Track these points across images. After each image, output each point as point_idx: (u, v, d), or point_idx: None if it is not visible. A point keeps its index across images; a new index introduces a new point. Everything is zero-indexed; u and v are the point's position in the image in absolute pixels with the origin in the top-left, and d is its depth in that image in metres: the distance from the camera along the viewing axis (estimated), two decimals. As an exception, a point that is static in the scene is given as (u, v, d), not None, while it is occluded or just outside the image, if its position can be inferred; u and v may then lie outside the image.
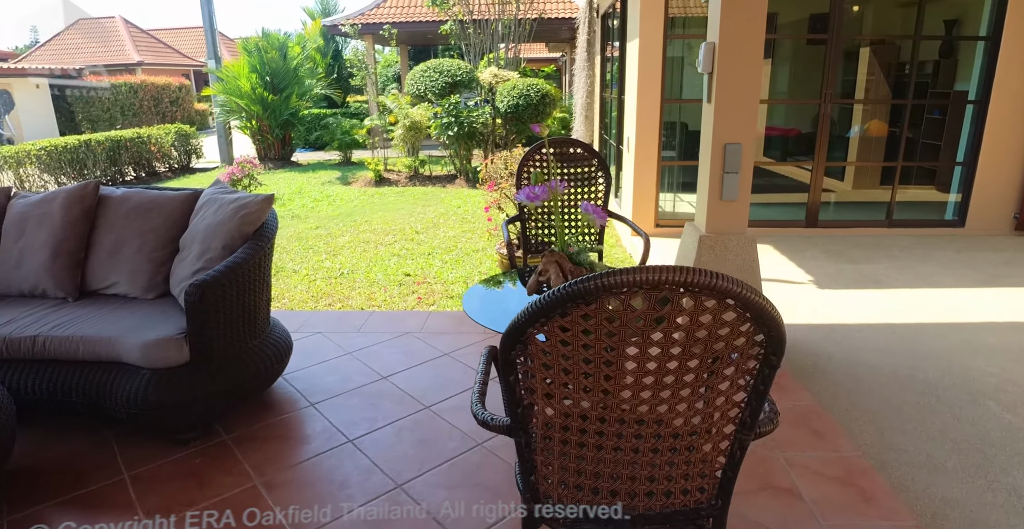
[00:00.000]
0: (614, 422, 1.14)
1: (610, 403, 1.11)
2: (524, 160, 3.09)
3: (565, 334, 1.04)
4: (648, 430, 1.16)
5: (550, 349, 1.06)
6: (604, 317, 1.00)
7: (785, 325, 1.06)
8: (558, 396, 1.13)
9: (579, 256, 1.99)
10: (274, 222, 2.76)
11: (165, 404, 2.35)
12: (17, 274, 2.92)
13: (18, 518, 2.14)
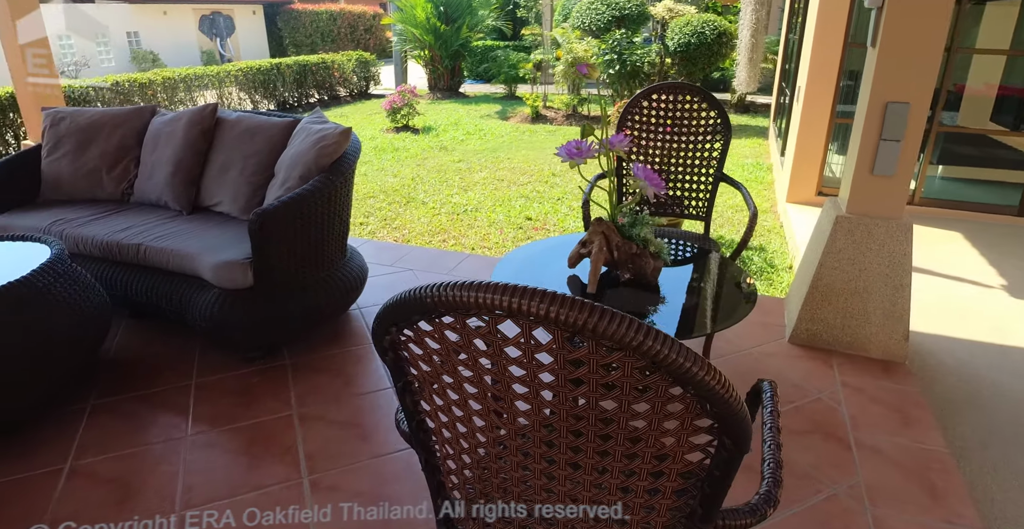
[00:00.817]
0: (518, 453, 0.89)
1: (507, 437, 0.86)
2: (629, 107, 2.69)
3: (437, 347, 0.79)
4: (562, 473, 0.89)
5: (426, 361, 0.83)
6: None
7: (943, 338, 0.71)
8: (450, 416, 0.90)
9: (631, 229, 1.66)
10: (354, 156, 2.70)
11: (230, 323, 2.47)
12: (148, 184, 3.21)
13: (100, 404, 2.41)
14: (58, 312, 2.23)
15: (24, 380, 2.15)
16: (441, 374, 0.84)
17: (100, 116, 3.36)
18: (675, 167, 2.71)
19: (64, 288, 2.28)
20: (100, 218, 3.02)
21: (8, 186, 3.25)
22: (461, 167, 7.14)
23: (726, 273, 1.95)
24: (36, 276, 2.17)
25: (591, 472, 0.84)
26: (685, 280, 1.85)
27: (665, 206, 2.78)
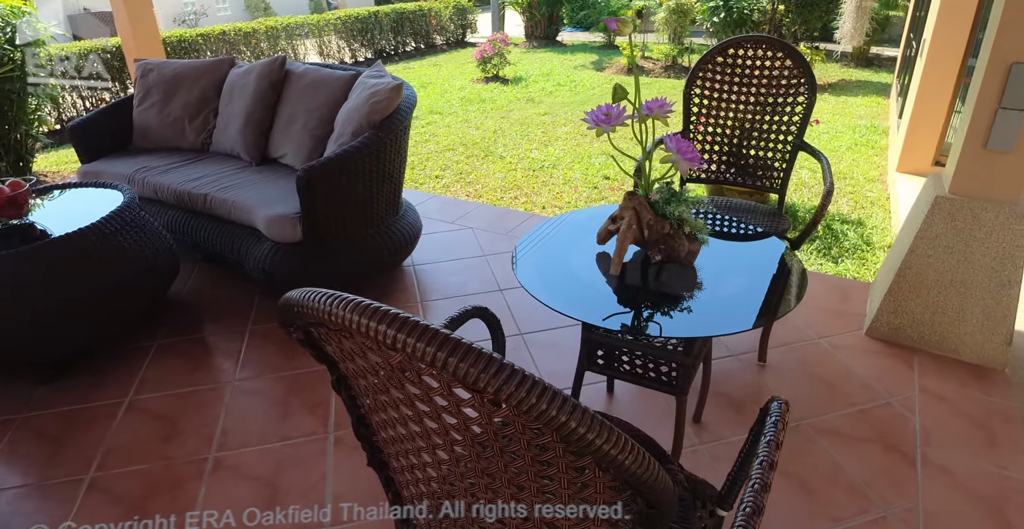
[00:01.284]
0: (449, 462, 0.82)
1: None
2: (700, 64, 2.42)
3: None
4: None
5: (344, 359, 0.77)
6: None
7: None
8: (383, 413, 0.83)
9: (665, 206, 1.49)
10: (406, 112, 2.64)
11: (281, 274, 2.55)
12: (224, 135, 3.33)
13: (164, 343, 2.59)
14: (123, 258, 2.38)
15: (93, 320, 2.33)
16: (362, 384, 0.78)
17: (183, 68, 3.48)
18: (748, 132, 2.44)
19: (129, 235, 2.42)
20: (179, 167, 3.17)
21: (104, 134, 3.47)
22: (545, 120, 6.93)
23: (777, 261, 1.72)
24: (104, 223, 2.32)
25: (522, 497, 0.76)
26: (725, 267, 1.66)
27: (732, 176, 2.53)
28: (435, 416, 0.70)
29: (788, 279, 1.63)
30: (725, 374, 2.25)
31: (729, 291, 1.57)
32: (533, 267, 1.68)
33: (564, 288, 1.59)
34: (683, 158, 1.41)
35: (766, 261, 1.75)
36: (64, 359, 2.40)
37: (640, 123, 1.52)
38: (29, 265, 2.15)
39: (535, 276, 1.62)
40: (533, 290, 1.52)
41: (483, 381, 0.54)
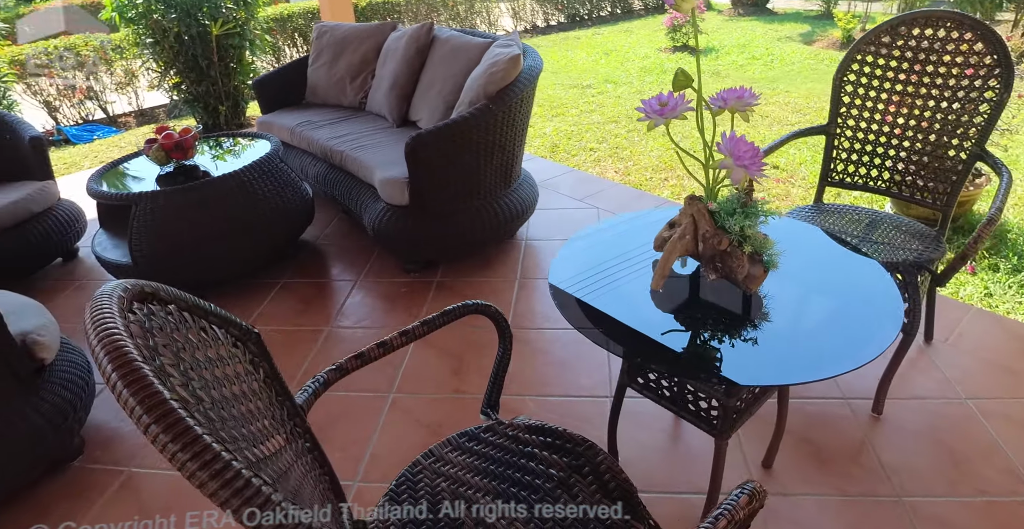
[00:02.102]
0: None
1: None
2: (858, 46, 2.00)
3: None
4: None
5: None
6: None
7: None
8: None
9: (725, 218, 1.29)
10: (524, 85, 2.57)
11: (389, 235, 2.68)
12: (376, 96, 3.54)
13: (289, 283, 2.88)
14: (259, 201, 2.66)
15: (230, 252, 2.66)
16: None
17: (351, 31, 3.73)
18: (912, 133, 2.00)
19: (266, 182, 2.69)
20: (332, 123, 3.44)
21: (283, 89, 3.88)
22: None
23: (879, 295, 1.36)
24: (244, 171, 2.60)
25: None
26: (801, 298, 1.37)
27: (886, 186, 2.10)
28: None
29: (881, 321, 1.32)
30: (824, 420, 1.93)
31: (792, 328, 1.32)
32: (574, 268, 1.55)
33: (600, 297, 1.45)
34: (737, 162, 1.19)
35: (861, 294, 1.42)
36: (201, 284, 2.79)
37: (713, 116, 1.31)
38: (187, 199, 2.50)
39: (571, 278, 1.49)
40: (560, 296, 1.41)
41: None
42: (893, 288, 1.37)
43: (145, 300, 0.71)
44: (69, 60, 6.46)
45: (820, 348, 1.26)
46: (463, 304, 1.23)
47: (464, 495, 1.11)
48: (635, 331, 1.33)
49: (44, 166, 3.07)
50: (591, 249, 1.65)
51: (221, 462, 0.52)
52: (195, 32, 5.07)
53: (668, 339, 1.31)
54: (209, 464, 0.51)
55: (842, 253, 1.60)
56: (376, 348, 1.13)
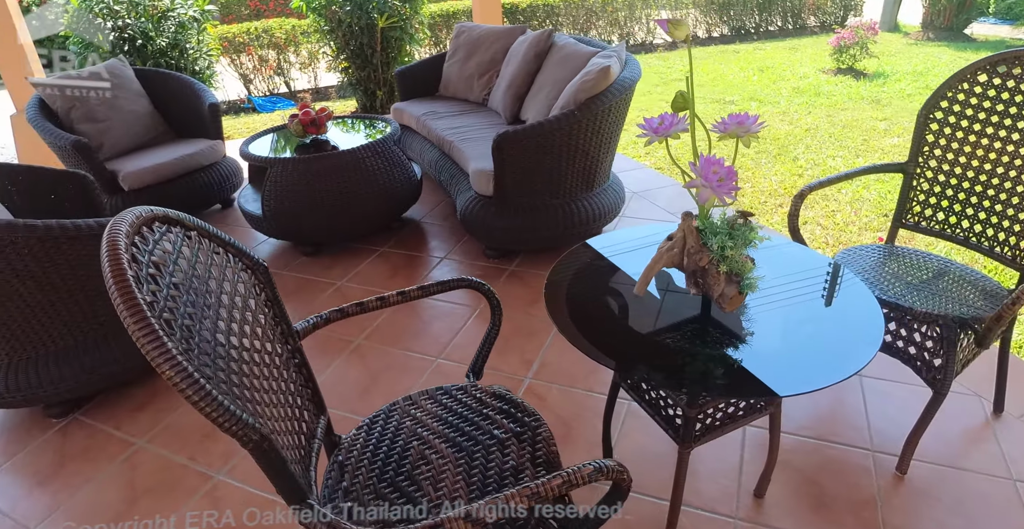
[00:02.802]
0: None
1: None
2: (951, 81, 1.89)
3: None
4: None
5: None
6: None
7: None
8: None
9: (709, 236, 1.37)
10: (615, 95, 2.69)
11: (472, 222, 2.95)
12: (496, 94, 3.82)
13: (387, 252, 3.26)
14: (368, 177, 3.04)
15: (337, 220, 3.06)
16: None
17: (486, 32, 4.04)
18: (1000, 182, 1.86)
19: (377, 162, 3.07)
20: (453, 116, 3.78)
21: (421, 80, 4.29)
22: (877, 127, 5.93)
23: (859, 324, 1.32)
24: (359, 150, 2.99)
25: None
26: (783, 323, 1.38)
27: (964, 234, 1.97)
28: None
29: (856, 345, 1.31)
30: (841, 466, 1.86)
31: (764, 349, 1.36)
32: (575, 270, 1.68)
33: (589, 296, 1.57)
34: (704, 181, 1.26)
35: (842, 320, 1.41)
36: (315, 241, 3.23)
37: (709, 139, 1.39)
38: (309, 167, 2.94)
39: (569, 277, 1.63)
40: (552, 288, 1.56)
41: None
42: (878, 316, 1.37)
43: (168, 223, 0.99)
44: (265, 40, 7.50)
45: (785, 368, 1.30)
46: (460, 278, 1.44)
47: (420, 434, 1.32)
48: (622, 335, 1.45)
49: (217, 128, 3.71)
50: (599, 257, 1.77)
51: (158, 341, 0.76)
52: (364, 23, 5.70)
53: (643, 346, 1.42)
54: (151, 341, 0.76)
55: (843, 284, 1.58)
56: (375, 301, 1.37)
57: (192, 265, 0.99)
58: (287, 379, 1.17)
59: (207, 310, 0.97)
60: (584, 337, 1.37)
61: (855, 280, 1.57)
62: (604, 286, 1.63)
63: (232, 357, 1.00)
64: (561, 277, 1.63)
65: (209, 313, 0.97)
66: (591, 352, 1.31)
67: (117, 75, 3.62)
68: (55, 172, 2.61)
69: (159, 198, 3.42)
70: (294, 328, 1.27)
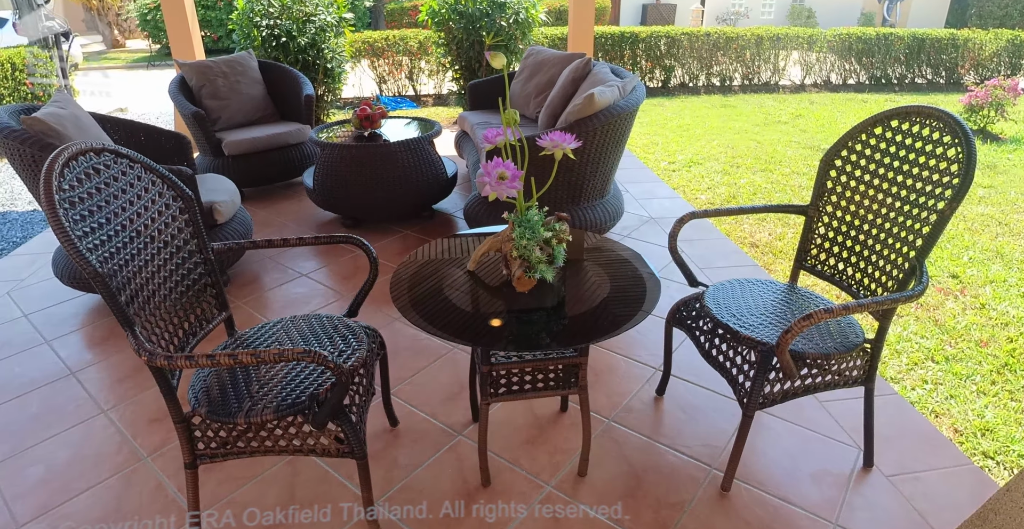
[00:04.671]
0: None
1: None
2: (849, 133, 2.01)
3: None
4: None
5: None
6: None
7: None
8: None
9: (517, 228, 1.70)
10: (600, 121, 2.98)
11: (470, 218, 3.39)
12: (543, 112, 4.24)
13: (407, 234, 3.79)
14: (401, 171, 3.60)
15: (370, 202, 3.65)
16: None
17: (549, 56, 4.48)
18: (870, 229, 1.98)
19: (409, 157, 3.61)
20: (499, 127, 4.24)
21: (489, 93, 4.82)
22: (975, 193, 5.53)
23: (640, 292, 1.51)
24: (393, 145, 3.56)
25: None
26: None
27: (843, 279, 2.08)
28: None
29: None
30: (673, 470, 2.01)
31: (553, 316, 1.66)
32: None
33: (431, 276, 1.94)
34: (480, 180, 1.60)
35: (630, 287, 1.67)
36: (356, 217, 3.84)
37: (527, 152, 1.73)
38: (350, 154, 3.56)
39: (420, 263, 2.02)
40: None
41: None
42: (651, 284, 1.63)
43: (116, 155, 1.55)
44: (401, 47, 8.47)
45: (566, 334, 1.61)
46: (345, 235, 1.89)
47: (279, 338, 1.79)
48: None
49: (308, 115, 4.48)
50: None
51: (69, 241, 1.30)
52: (473, 40, 6.36)
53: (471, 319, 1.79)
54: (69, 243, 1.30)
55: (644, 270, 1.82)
56: (280, 240, 1.87)
57: (129, 186, 1.55)
58: (188, 276, 1.69)
59: (135, 217, 1.52)
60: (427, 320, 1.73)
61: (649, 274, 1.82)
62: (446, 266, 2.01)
63: (139, 246, 1.54)
64: (415, 261, 2.02)
65: (135, 220, 1.52)
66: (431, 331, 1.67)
67: (243, 64, 4.51)
68: (165, 131, 3.44)
69: (251, 164, 4.24)
70: (210, 245, 1.80)
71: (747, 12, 16.46)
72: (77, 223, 1.39)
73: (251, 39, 6.15)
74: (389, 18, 15.19)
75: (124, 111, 9.20)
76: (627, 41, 8.99)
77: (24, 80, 6.92)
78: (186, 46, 5.46)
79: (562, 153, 1.70)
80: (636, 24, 18.31)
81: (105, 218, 1.48)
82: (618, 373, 2.52)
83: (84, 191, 1.45)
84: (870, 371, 2.00)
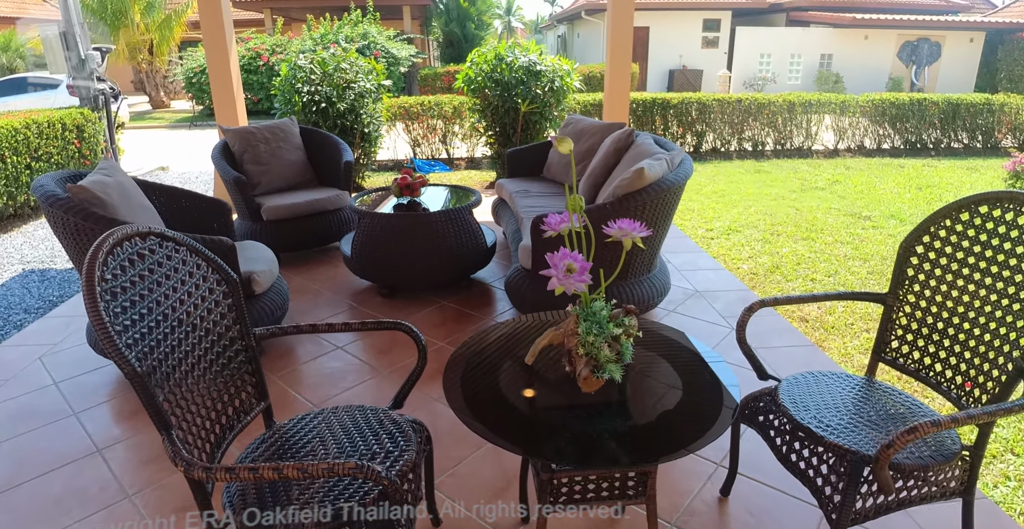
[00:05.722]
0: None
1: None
2: (931, 219, 1.88)
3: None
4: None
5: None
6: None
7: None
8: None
9: (582, 323, 1.57)
10: (652, 194, 2.90)
11: (512, 290, 3.28)
12: (583, 181, 4.19)
13: (445, 305, 3.68)
14: (440, 240, 3.53)
15: (407, 271, 3.57)
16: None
17: (589, 125, 4.48)
18: (969, 326, 1.80)
19: (449, 227, 3.55)
20: (541, 196, 4.20)
21: (527, 160, 4.82)
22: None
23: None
24: (432, 215, 3.51)
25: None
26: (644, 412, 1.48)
27: (933, 377, 1.90)
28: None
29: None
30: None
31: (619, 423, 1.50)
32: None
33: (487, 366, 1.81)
34: (546, 274, 1.48)
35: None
36: (392, 286, 3.76)
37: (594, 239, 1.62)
38: (389, 223, 3.51)
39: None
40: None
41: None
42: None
43: (162, 238, 1.47)
44: (436, 112, 8.65)
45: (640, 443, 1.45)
46: (396, 321, 1.78)
47: (321, 434, 1.65)
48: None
49: (347, 181, 4.50)
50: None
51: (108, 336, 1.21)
52: (508, 106, 6.45)
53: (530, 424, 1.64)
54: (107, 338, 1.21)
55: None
56: (324, 325, 1.76)
57: (174, 271, 1.47)
58: (228, 366, 1.58)
59: (178, 305, 1.43)
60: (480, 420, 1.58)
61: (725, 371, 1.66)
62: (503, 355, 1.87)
63: (179, 337, 1.44)
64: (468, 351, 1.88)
65: (178, 308, 1.43)
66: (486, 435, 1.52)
67: (285, 130, 4.58)
68: (207, 198, 3.43)
69: (289, 230, 4.22)
70: (252, 331, 1.70)
71: (774, 77, 16.71)
72: (118, 316, 1.30)
73: (292, 104, 6.32)
74: (422, 83, 15.73)
75: (165, 170, 9.48)
76: (658, 107, 9.08)
77: (72, 140, 7.16)
78: (230, 112, 5.60)
79: (631, 242, 1.59)
80: (663, 88, 18.71)
81: (147, 308, 1.40)
82: (679, 468, 2.31)
83: (128, 279, 1.37)
84: (969, 482, 1.79)
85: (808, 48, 16.85)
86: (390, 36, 15.21)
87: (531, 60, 6.39)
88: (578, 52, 22.99)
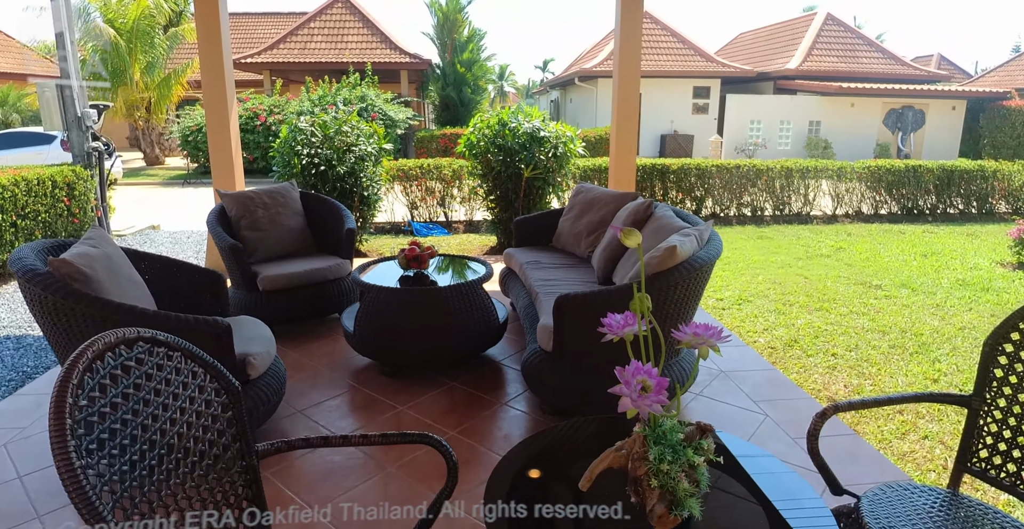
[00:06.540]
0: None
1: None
2: (1020, 313, 1.68)
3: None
4: None
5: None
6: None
7: None
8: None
9: (652, 446, 1.32)
10: (684, 274, 2.71)
11: (528, 373, 3.02)
12: (597, 253, 4.00)
13: (455, 386, 3.40)
14: (450, 317, 3.29)
15: (415, 349, 3.30)
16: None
17: (600, 194, 4.34)
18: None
19: (460, 302, 3.32)
20: (553, 268, 4.01)
21: (536, 229, 4.65)
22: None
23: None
24: (442, 289, 3.29)
25: None
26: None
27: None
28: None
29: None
30: None
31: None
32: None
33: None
34: (625, 389, 1.24)
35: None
36: (397, 364, 3.48)
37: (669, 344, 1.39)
38: (396, 298, 3.28)
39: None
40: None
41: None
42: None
43: (137, 344, 1.23)
44: (435, 174, 8.59)
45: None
46: (422, 433, 1.52)
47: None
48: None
49: (348, 250, 4.29)
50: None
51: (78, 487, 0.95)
52: (511, 172, 6.37)
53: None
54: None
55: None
56: (339, 438, 1.50)
57: (165, 383, 1.22)
58: (225, 498, 1.31)
59: (169, 426, 1.17)
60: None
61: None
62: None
63: (168, 467, 1.17)
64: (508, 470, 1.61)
65: (168, 430, 1.17)
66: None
67: (285, 195, 4.40)
68: (200, 269, 3.20)
69: (287, 301, 3.96)
70: (255, 447, 1.43)
71: (765, 143, 17.08)
72: (92, 453, 1.04)
73: (291, 166, 6.19)
74: (418, 145, 15.88)
75: (157, 228, 9.26)
76: (657, 172, 9.10)
77: (62, 197, 6.96)
78: (228, 175, 5.45)
79: (708, 351, 1.36)
80: (655, 152, 19.04)
81: (130, 436, 1.14)
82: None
83: (107, 403, 1.12)
84: None
85: (797, 115, 17.33)
86: (387, 99, 15.45)
87: (535, 126, 6.36)
88: (571, 117, 23.55)
